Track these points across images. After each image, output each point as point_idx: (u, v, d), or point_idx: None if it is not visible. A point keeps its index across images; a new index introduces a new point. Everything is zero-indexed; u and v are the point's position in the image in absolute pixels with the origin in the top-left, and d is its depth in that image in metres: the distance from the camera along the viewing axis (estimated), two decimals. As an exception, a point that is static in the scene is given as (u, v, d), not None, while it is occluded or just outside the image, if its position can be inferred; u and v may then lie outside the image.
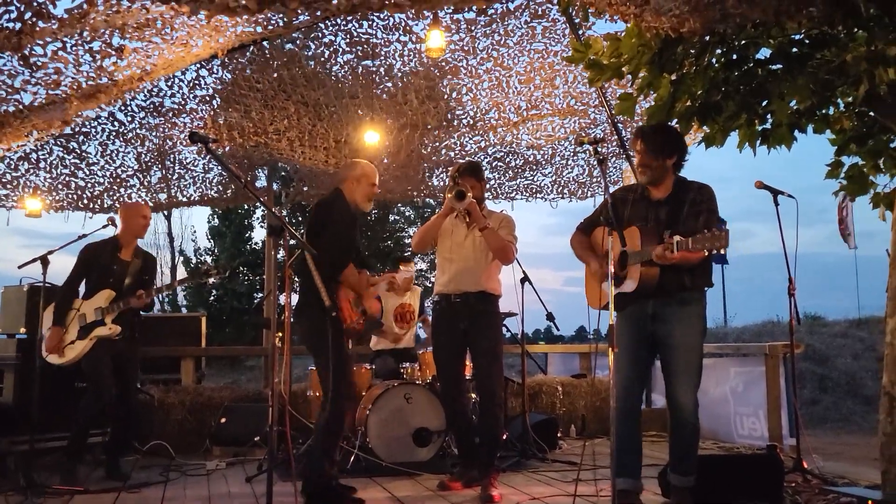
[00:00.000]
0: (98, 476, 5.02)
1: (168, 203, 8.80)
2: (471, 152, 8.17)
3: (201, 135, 3.22)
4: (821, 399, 12.49)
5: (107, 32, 3.61)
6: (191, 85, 6.56)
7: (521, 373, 6.16)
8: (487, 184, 5.49)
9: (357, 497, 4.23)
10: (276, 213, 3.85)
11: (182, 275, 26.69)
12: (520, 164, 8.61)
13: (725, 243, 3.27)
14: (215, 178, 8.46)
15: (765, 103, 3.87)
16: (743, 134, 4.05)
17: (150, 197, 8.44)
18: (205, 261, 26.89)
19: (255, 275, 26.13)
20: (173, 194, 8.54)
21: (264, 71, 6.45)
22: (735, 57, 3.89)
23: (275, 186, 9.63)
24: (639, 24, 3.59)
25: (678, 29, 3.40)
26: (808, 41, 3.74)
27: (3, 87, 3.88)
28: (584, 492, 4.20)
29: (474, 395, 5.25)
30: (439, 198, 9.99)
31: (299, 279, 4.33)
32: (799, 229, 4.86)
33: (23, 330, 5.61)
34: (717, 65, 3.93)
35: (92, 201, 7.95)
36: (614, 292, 3.30)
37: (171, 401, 6.43)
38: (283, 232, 3.44)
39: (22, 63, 3.58)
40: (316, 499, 4.04)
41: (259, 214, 26.32)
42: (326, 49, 6.35)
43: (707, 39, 3.78)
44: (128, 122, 6.91)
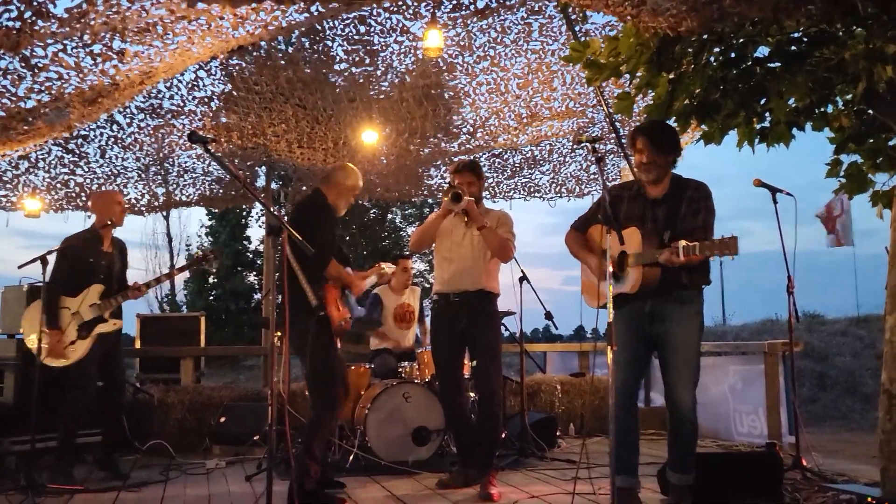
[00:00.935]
0: (98, 475, 5.02)
1: (165, 202, 8.80)
2: (469, 150, 8.16)
3: (200, 135, 3.23)
4: (820, 397, 12.50)
5: (107, 36, 3.60)
6: (189, 86, 6.56)
7: (519, 372, 6.17)
8: (486, 182, 5.48)
9: (339, 497, 4.18)
10: (275, 212, 3.84)
11: (183, 274, 26.73)
12: (518, 161, 8.62)
13: (735, 250, 3.23)
14: (214, 178, 8.46)
15: (763, 101, 3.87)
16: (741, 132, 4.04)
17: (148, 197, 8.45)
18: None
19: (252, 274, 26.11)
20: (172, 191, 8.54)
21: (262, 73, 6.44)
22: (733, 55, 3.89)
23: (273, 186, 9.63)
24: (636, 24, 3.58)
25: (676, 28, 3.40)
26: (806, 39, 3.74)
27: (6, 96, 3.88)
28: (582, 490, 4.21)
29: (473, 394, 5.25)
30: (438, 197, 10.00)
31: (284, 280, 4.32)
32: (798, 227, 4.87)
33: (23, 330, 5.61)
34: (715, 63, 3.92)
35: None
36: (614, 293, 3.30)
37: (171, 400, 6.44)
38: (283, 231, 3.44)
39: (23, 65, 3.58)
40: None
41: (256, 214, 26.30)
42: (323, 56, 6.35)
43: (705, 38, 3.78)
44: (126, 124, 6.91)
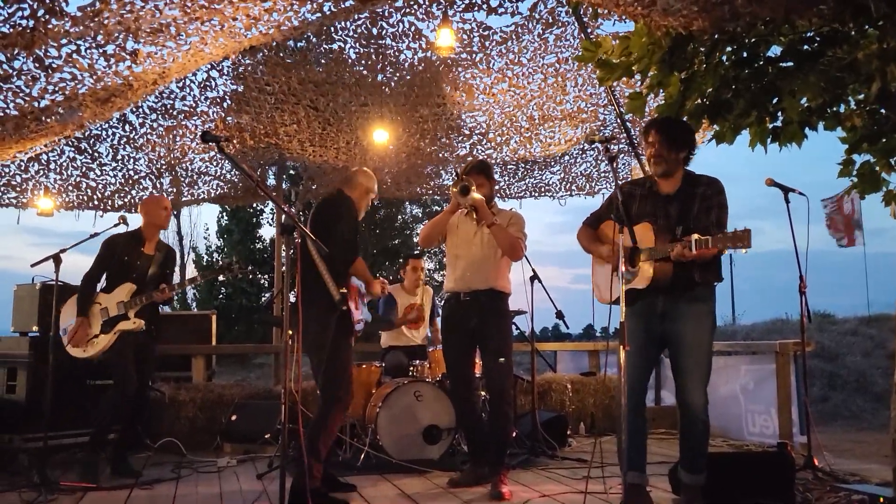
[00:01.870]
0: (106, 473, 5.05)
1: (176, 201, 8.83)
2: (481, 153, 8.19)
3: (213, 134, 3.25)
4: (831, 396, 12.45)
5: (120, 36, 3.63)
6: (202, 86, 6.59)
7: (530, 370, 6.17)
8: (496, 185, 5.49)
9: (341, 498, 4.15)
10: (287, 211, 3.86)
11: (192, 271, 26.89)
12: (529, 164, 8.63)
13: (748, 243, 3.21)
14: (225, 176, 8.49)
15: (775, 101, 3.86)
16: (754, 132, 4.03)
17: (160, 194, 8.48)
18: (215, 258, 26.99)
19: (263, 273, 26.19)
20: (183, 190, 8.58)
21: (275, 74, 6.47)
22: (745, 55, 3.88)
23: (284, 185, 9.66)
24: (647, 24, 3.58)
25: (687, 28, 3.40)
26: (819, 39, 3.72)
27: (21, 96, 3.91)
28: (594, 489, 4.21)
29: (484, 393, 5.25)
30: (447, 196, 10.01)
31: (303, 277, 4.34)
32: (809, 226, 4.86)
33: (35, 328, 5.65)
34: (727, 63, 3.91)
35: (103, 201, 8.00)
36: (625, 288, 3.30)
37: (183, 398, 6.47)
38: (295, 230, 3.45)
39: (37, 65, 3.60)
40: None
41: (268, 212, 26.38)
42: (333, 56, 6.38)
43: (717, 37, 3.77)
44: (138, 124, 6.94)
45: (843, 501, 3.94)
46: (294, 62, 6.42)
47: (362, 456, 5.20)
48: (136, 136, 7.09)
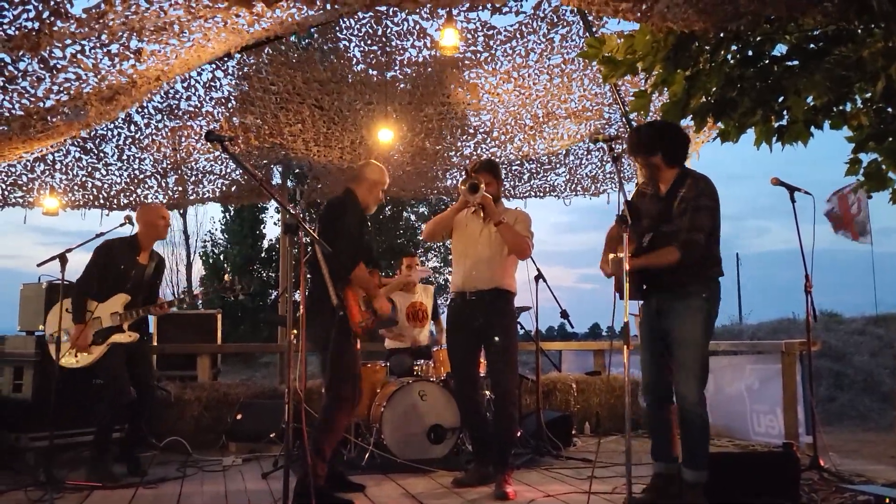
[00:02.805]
0: (116, 472, 5.06)
1: (181, 200, 8.84)
2: (486, 152, 8.18)
3: (217, 134, 3.25)
4: (837, 396, 12.38)
5: (125, 35, 3.63)
6: (206, 86, 6.60)
7: (535, 370, 6.16)
8: (502, 186, 5.50)
9: (347, 499, 4.13)
10: (292, 210, 3.87)
11: (199, 269, 27.00)
12: (534, 166, 8.63)
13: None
14: (230, 176, 8.50)
15: (781, 99, 3.84)
16: (759, 130, 4.02)
17: (165, 194, 8.49)
18: (221, 261, 27.05)
19: (268, 272, 26.21)
20: (188, 189, 8.58)
21: (279, 73, 6.47)
22: (750, 53, 3.86)
23: (289, 184, 9.66)
24: (648, 26, 3.60)
25: (688, 28, 3.40)
26: (824, 37, 3.71)
27: (26, 97, 3.92)
28: (598, 489, 4.21)
29: (489, 393, 5.26)
30: (453, 195, 10.00)
31: (311, 277, 4.35)
32: (815, 225, 4.86)
33: (42, 327, 5.67)
34: (732, 61, 3.90)
35: (108, 200, 8.02)
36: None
37: (188, 397, 6.49)
38: (299, 230, 3.46)
39: (42, 66, 3.61)
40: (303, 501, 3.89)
41: (272, 211, 26.41)
42: (340, 59, 6.39)
43: (722, 36, 3.76)
44: (143, 124, 6.95)
45: (848, 502, 3.94)
46: (298, 61, 6.43)
47: (367, 455, 5.21)
48: (141, 137, 7.10)
